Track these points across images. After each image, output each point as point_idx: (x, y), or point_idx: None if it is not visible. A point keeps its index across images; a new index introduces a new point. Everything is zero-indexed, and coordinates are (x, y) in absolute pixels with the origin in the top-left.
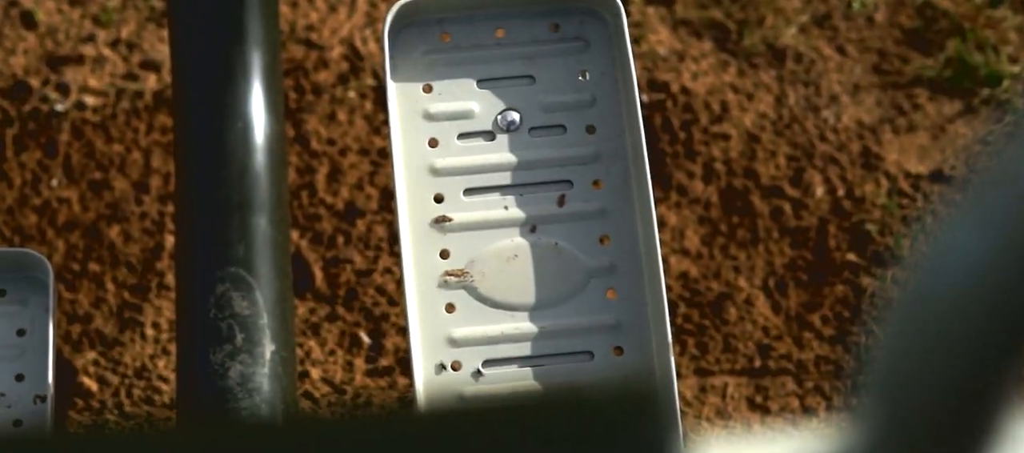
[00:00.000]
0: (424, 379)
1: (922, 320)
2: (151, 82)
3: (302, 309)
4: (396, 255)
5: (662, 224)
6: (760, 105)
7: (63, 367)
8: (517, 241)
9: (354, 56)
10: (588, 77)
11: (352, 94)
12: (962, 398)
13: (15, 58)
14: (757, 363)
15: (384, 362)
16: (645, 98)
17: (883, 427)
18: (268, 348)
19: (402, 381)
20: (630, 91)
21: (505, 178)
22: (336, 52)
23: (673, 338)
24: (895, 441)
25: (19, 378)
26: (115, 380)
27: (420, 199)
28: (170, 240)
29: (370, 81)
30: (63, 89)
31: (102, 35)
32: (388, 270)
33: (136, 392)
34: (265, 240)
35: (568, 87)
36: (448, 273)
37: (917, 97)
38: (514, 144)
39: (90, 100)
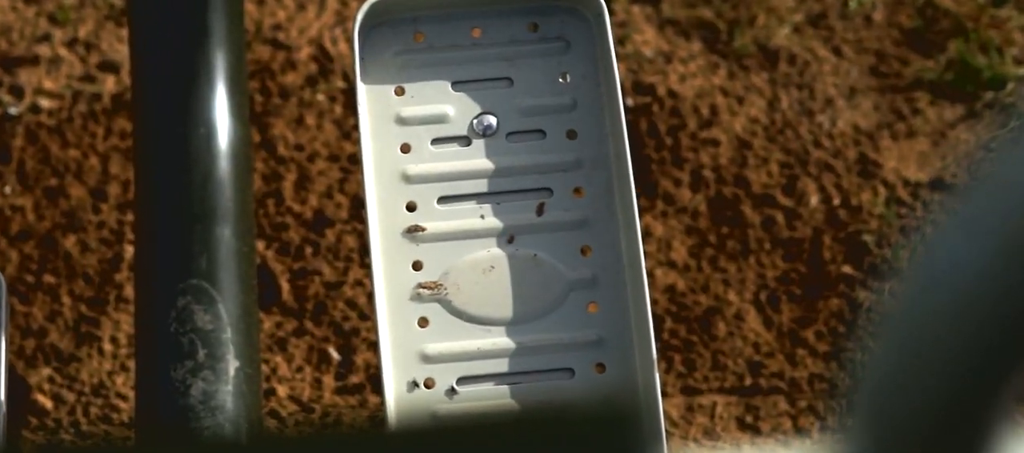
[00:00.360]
0: (396, 397)
1: (914, 333)
2: (110, 84)
3: (268, 323)
4: (367, 267)
5: (647, 235)
6: (751, 109)
7: (16, 384)
8: (494, 252)
9: (323, 57)
10: (569, 79)
11: (321, 97)
12: (956, 415)
13: None
14: (748, 381)
15: (354, 379)
16: (630, 101)
17: (875, 445)
18: (232, 364)
19: (373, 399)
20: (613, 94)
21: (481, 186)
22: (304, 53)
23: (659, 355)
24: None
25: None
26: (71, 398)
27: (392, 208)
28: (129, 250)
29: (340, 83)
30: (17, 91)
31: (58, 34)
32: (358, 282)
33: (93, 410)
34: (229, 251)
35: (548, 90)
36: (421, 285)
37: (917, 101)
38: (491, 150)
39: (45, 103)
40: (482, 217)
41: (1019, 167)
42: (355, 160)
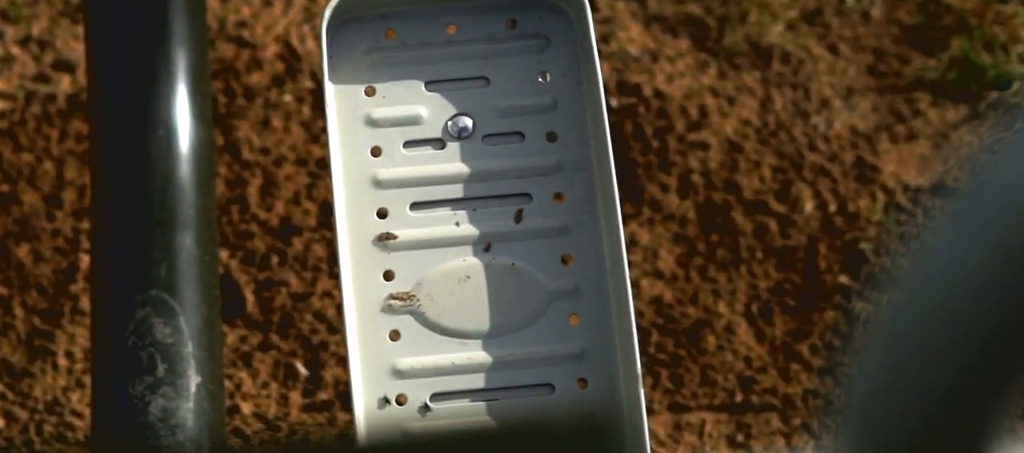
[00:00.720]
0: (366, 414)
1: (906, 341)
2: (65, 84)
3: (232, 337)
4: (335, 277)
5: (632, 243)
6: (743, 110)
7: None
8: (469, 261)
9: (290, 55)
10: (549, 79)
11: (288, 98)
12: (951, 426)
13: None
14: (738, 398)
15: (322, 396)
16: (614, 102)
17: None
18: (193, 380)
19: (342, 417)
20: (596, 94)
21: (456, 191)
22: (270, 51)
23: (644, 369)
24: None
25: None
26: (24, 415)
27: (362, 214)
28: (85, 260)
29: (308, 83)
30: None
31: (10, 32)
32: (327, 294)
33: (47, 428)
34: (190, 260)
35: (526, 90)
36: (393, 296)
37: (918, 101)
38: (466, 153)
39: None
40: (457, 224)
41: (1016, 169)
42: (323, 164)
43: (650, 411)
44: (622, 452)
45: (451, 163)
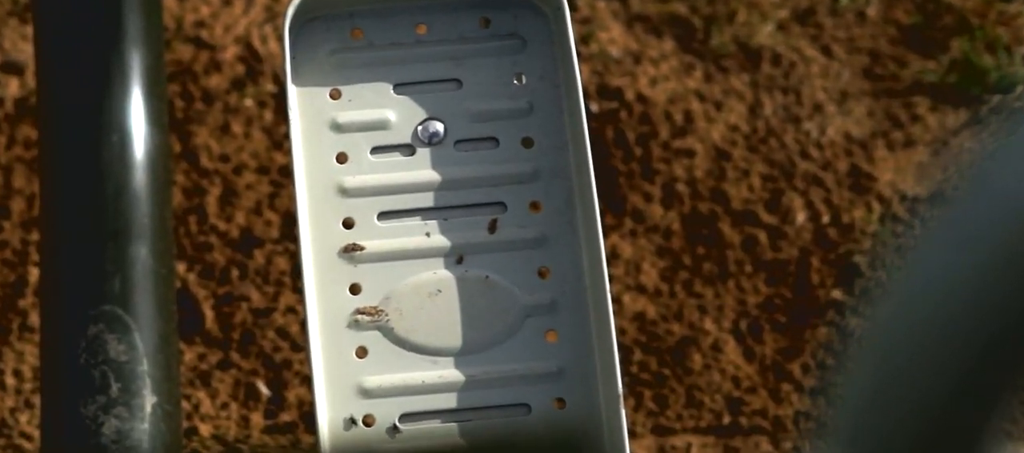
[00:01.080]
0: (331, 436)
1: (896, 352)
2: (12, 88)
3: (189, 354)
4: (299, 291)
5: (613, 256)
6: (731, 116)
7: None
8: (441, 274)
9: (251, 57)
10: (525, 81)
11: (249, 102)
12: (942, 437)
13: None
14: (726, 419)
15: (285, 417)
16: (594, 107)
17: None
18: (149, 400)
19: (306, 438)
20: (574, 98)
21: (427, 200)
22: (230, 52)
23: (626, 389)
24: None
25: None
26: None
27: (326, 225)
28: (34, 273)
29: (270, 86)
30: None
31: None
32: (290, 309)
33: None
34: (145, 273)
35: (501, 93)
36: (359, 311)
37: (916, 106)
38: (437, 160)
39: None
40: (428, 235)
41: (1014, 175)
42: (286, 172)
43: (632, 434)
44: None
45: (421, 170)
